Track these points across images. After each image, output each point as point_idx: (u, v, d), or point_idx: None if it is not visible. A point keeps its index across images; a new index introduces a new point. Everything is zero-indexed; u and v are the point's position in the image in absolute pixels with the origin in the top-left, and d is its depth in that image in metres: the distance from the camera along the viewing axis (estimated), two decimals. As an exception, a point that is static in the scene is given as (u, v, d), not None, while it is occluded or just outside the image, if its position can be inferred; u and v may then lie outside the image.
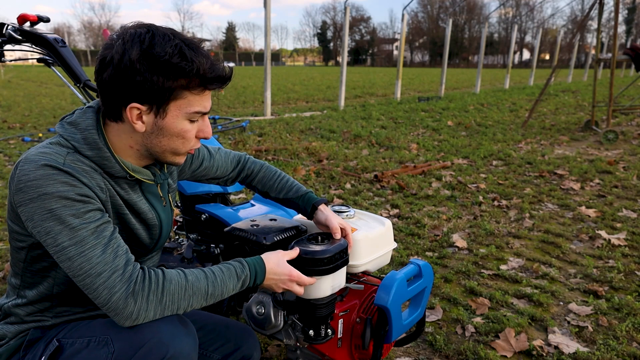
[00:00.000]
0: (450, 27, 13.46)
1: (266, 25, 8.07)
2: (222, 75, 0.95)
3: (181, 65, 0.88)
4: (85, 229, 0.86)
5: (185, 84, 0.91)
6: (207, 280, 0.94)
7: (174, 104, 0.92)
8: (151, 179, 1.04)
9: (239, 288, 0.99)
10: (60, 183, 0.85)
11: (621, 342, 1.80)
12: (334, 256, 1.10)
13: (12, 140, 5.99)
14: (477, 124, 7.63)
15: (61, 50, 1.87)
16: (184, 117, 0.95)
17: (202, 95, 0.95)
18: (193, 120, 0.97)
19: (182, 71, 0.89)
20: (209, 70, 0.92)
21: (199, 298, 0.93)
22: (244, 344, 1.19)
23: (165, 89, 0.89)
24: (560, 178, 4.27)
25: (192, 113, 0.95)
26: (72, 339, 0.94)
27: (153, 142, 0.96)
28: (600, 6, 6.47)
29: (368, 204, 3.48)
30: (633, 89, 13.35)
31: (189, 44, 0.91)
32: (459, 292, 2.20)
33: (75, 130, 0.94)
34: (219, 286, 0.95)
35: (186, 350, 0.88)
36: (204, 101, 0.96)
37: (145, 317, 0.87)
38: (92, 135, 0.93)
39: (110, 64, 0.88)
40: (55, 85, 16.58)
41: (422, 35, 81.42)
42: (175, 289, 0.90)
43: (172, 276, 0.91)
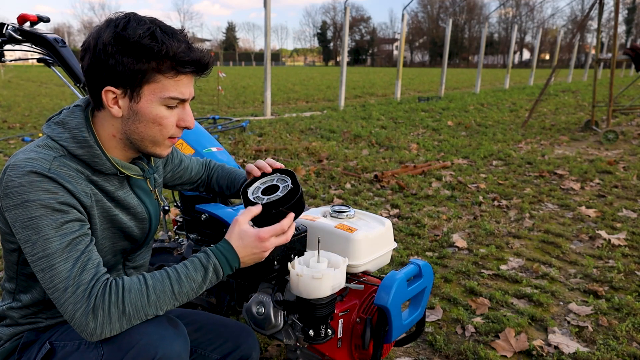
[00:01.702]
0: (450, 27, 13.46)
1: (266, 25, 8.07)
2: (197, 60, 0.92)
3: (151, 46, 0.87)
4: (59, 241, 0.84)
5: (156, 67, 0.89)
6: (170, 280, 0.90)
7: (147, 87, 0.91)
8: (140, 174, 1.05)
9: (215, 278, 0.94)
10: (42, 191, 0.85)
11: (621, 342, 1.80)
12: (296, 183, 1.09)
13: (12, 140, 5.99)
14: (477, 124, 7.63)
15: (61, 50, 1.87)
16: (159, 102, 0.93)
17: (176, 80, 0.92)
18: (170, 106, 0.94)
19: (151, 52, 0.87)
20: (181, 53, 0.89)
21: (166, 300, 0.89)
22: (243, 344, 1.19)
23: (136, 71, 0.89)
24: (560, 178, 4.27)
25: (167, 98, 0.92)
26: (64, 342, 0.95)
27: (131, 129, 0.95)
28: (600, 6, 6.47)
29: (368, 204, 3.48)
30: (633, 89, 13.35)
31: (164, 28, 0.90)
32: (459, 292, 2.20)
33: (63, 130, 0.94)
34: (185, 282, 0.90)
35: (176, 351, 0.88)
36: (180, 87, 0.93)
37: (110, 330, 0.85)
38: (82, 134, 0.93)
39: (87, 49, 0.90)
40: (55, 85, 16.58)
41: (422, 35, 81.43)
42: (136, 297, 0.86)
43: (131, 285, 0.87)
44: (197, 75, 0.96)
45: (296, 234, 1.28)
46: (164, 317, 0.93)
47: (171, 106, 0.95)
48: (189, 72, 0.92)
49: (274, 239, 0.99)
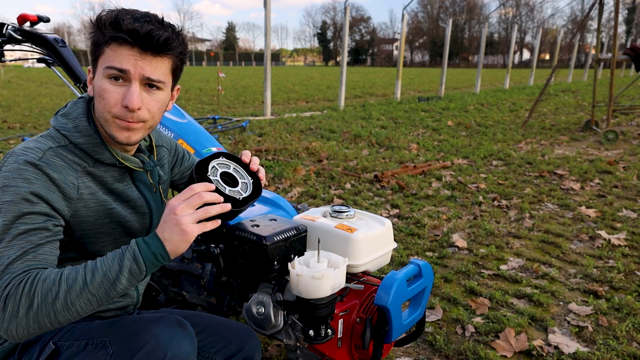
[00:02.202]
0: (450, 27, 13.46)
1: (266, 25, 8.07)
2: (132, 29, 0.88)
3: (98, 16, 0.91)
4: (15, 229, 0.83)
5: (101, 37, 0.91)
6: (85, 268, 0.81)
7: (99, 61, 0.93)
8: (140, 166, 1.06)
9: (136, 268, 0.83)
10: (23, 179, 0.86)
11: (621, 342, 1.80)
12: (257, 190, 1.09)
13: (12, 140, 5.99)
14: (477, 124, 7.63)
15: (61, 50, 1.87)
16: (102, 74, 0.91)
17: (115, 50, 0.90)
18: (112, 78, 0.91)
19: (98, 22, 0.91)
20: (118, 21, 0.88)
21: (77, 290, 0.79)
22: (246, 345, 1.19)
23: (92, 44, 0.93)
24: (560, 178, 4.27)
25: (106, 68, 0.90)
26: (69, 342, 0.94)
27: (95, 109, 0.97)
28: (600, 6, 6.47)
29: (368, 204, 3.48)
30: (633, 89, 13.35)
31: (130, 9, 0.93)
32: (459, 292, 2.20)
33: (67, 120, 0.97)
34: (99, 271, 0.81)
35: (184, 352, 0.88)
36: (119, 57, 0.90)
37: (16, 327, 0.78)
38: (82, 123, 0.96)
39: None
40: (55, 85, 16.58)
41: (422, 35, 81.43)
42: (48, 287, 0.79)
43: (48, 274, 0.80)
44: (143, 51, 0.90)
45: (296, 234, 1.28)
46: (172, 318, 0.93)
47: (113, 78, 0.91)
48: (122, 40, 0.89)
49: (184, 205, 0.84)
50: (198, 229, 0.84)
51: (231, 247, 1.30)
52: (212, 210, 0.86)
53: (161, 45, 0.90)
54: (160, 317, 0.94)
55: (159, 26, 0.91)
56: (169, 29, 0.92)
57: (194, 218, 0.84)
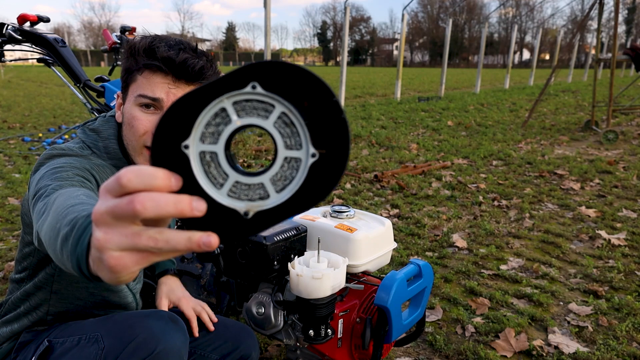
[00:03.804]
0: (450, 27, 13.46)
1: (266, 25, 8.07)
2: (167, 57, 0.87)
3: (132, 43, 0.91)
4: (57, 173, 0.81)
5: (134, 64, 0.90)
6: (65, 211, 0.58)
7: (130, 88, 0.92)
8: None
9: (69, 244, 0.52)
10: (72, 159, 0.88)
11: (621, 342, 1.80)
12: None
13: (12, 140, 5.99)
14: (477, 124, 7.63)
15: (61, 50, 1.87)
16: (134, 101, 0.91)
17: (148, 78, 0.89)
18: (143, 105, 0.91)
19: (132, 49, 0.90)
20: (152, 48, 0.88)
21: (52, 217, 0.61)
22: (242, 344, 1.19)
23: (125, 70, 0.93)
24: (560, 178, 4.27)
25: (138, 96, 0.90)
26: (63, 338, 0.95)
27: (124, 135, 0.96)
28: (600, 6, 6.47)
29: (368, 204, 3.48)
30: (633, 89, 13.35)
31: (163, 36, 0.92)
32: (459, 292, 2.20)
33: (98, 138, 0.98)
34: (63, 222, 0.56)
35: (176, 345, 0.88)
36: (151, 85, 0.89)
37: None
38: (113, 145, 0.97)
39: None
40: (55, 85, 16.58)
41: (422, 35, 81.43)
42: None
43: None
44: (177, 79, 0.89)
45: (296, 234, 1.28)
46: (164, 313, 0.93)
47: (144, 106, 0.91)
48: (156, 68, 0.88)
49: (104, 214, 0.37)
50: (131, 261, 0.38)
51: (231, 247, 1.30)
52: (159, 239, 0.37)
53: (196, 74, 0.90)
54: (152, 312, 0.94)
55: (193, 54, 0.90)
56: (203, 57, 0.92)
57: (120, 244, 0.37)
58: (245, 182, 0.41)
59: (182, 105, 0.40)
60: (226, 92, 0.39)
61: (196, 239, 0.36)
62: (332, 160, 0.40)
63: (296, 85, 0.40)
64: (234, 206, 0.40)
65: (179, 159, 0.40)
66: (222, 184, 0.41)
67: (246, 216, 0.40)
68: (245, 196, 0.41)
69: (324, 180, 0.40)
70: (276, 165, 0.41)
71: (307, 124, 0.40)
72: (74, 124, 7.27)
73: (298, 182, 0.40)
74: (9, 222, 3.02)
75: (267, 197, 0.41)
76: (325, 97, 0.40)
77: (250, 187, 0.41)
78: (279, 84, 0.40)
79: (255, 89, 0.39)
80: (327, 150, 0.40)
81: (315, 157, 0.40)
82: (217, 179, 0.41)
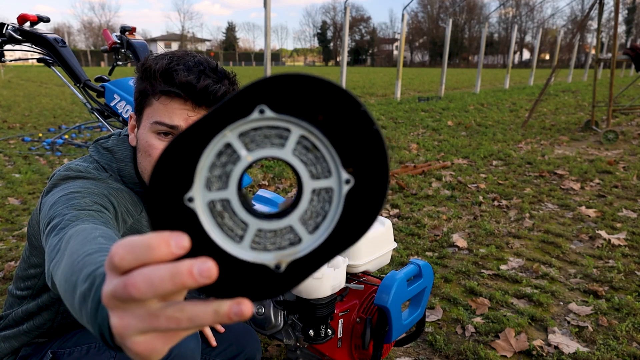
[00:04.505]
0: (450, 27, 13.46)
1: (266, 25, 8.07)
2: (185, 82, 0.80)
3: (147, 65, 0.84)
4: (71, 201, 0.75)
5: (150, 88, 0.83)
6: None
7: (145, 112, 0.86)
8: None
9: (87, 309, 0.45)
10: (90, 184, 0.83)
11: (621, 342, 1.80)
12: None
13: (12, 140, 5.99)
14: (477, 124, 7.63)
15: (61, 50, 1.87)
16: (150, 128, 0.85)
17: (166, 104, 0.83)
18: (160, 133, 0.85)
19: (147, 72, 0.84)
20: (170, 72, 0.81)
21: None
22: (247, 346, 1.19)
23: (139, 92, 0.86)
24: (560, 178, 4.27)
25: (154, 123, 0.84)
26: (69, 349, 0.93)
27: (138, 160, 0.90)
28: (600, 6, 6.47)
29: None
30: (633, 89, 13.35)
31: (180, 55, 0.85)
32: (459, 292, 2.20)
33: (113, 159, 0.92)
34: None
35: (190, 349, 0.88)
36: (169, 112, 0.82)
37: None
38: (128, 169, 0.92)
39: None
40: (55, 85, 16.59)
41: (422, 35, 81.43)
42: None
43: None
44: (197, 105, 0.83)
45: None
46: None
47: (161, 134, 0.85)
48: (175, 94, 0.82)
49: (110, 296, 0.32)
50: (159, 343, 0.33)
51: None
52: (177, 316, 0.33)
53: (218, 100, 0.82)
54: None
55: (214, 78, 0.83)
56: (225, 80, 0.85)
57: (140, 328, 0.32)
58: (270, 228, 0.34)
59: (176, 149, 0.32)
60: (228, 123, 0.32)
61: (225, 311, 0.30)
62: (371, 182, 0.33)
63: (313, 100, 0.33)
64: (261, 260, 0.33)
65: (185, 215, 0.32)
66: (242, 235, 0.33)
67: (278, 269, 0.33)
68: (272, 245, 0.34)
69: (364, 208, 0.33)
70: (304, 201, 0.34)
71: (333, 144, 0.33)
72: (74, 124, 7.26)
73: (334, 217, 0.33)
74: (9, 222, 3.02)
75: (299, 241, 0.34)
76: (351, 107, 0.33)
77: (276, 233, 0.34)
78: (291, 101, 0.33)
79: (264, 114, 0.32)
80: (362, 172, 0.33)
81: (349, 184, 0.33)
82: (235, 231, 0.33)
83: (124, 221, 0.87)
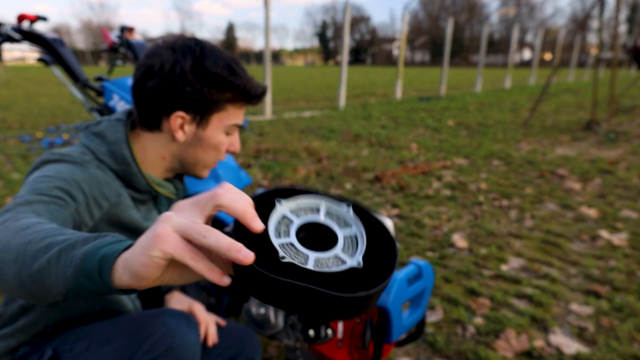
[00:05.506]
0: (450, 26, 13.45)
1: (266, 25, 8.07)
2: (261, 94, 0.99)
3: (230, 79, 0.92)
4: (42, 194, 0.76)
5: (230, 98, 0.95)
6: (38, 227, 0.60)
7: (216, 115, 0.95)
8: (173, 192, 1.06)
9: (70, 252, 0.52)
10: (67, 169, 0.85)
11: (622, 342, 1.79)
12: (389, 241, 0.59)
13: (11, 140, 5.99)
14: (477, 124, 7.63)
15: (60, 49, 1.87)
16: (223, 129, 0.98)
17: (241, 109, 0.99)
18: (229, 133, 1.00)
19: (231, 85, 0.93)
20: (252, 88, 0.96)
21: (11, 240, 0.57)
22: (247, 348, 1.18)
23: (213, 100, 0.93)
24: (561, 178, 4.26)
25: (231, 126, 0.98)
26: (69, 345, 0.92)
27: (189, 154, 0.98)
28: (600, 6, 6.47)
29: (368, 204, 3.47)
30: (634, 89, 13.33)
31: (236, 61, 0.96)
32: (460, 293, 2.19)
33: (102, 142, 0.94)
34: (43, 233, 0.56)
35: (191, 341, 0.88)
36: (241, 115, 1.00)
37: None
38: (122, 150, 0.93)
39: (158, 73, 0.90)
40: (55, 85, 16.58)
41: (423, 34, 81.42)
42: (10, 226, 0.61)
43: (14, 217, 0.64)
44: (248, 105, 1.01)
45: None
46: (176, 311, 0.93)
47: (229, 133, 1.00)
48: (254, 103, 0.99)
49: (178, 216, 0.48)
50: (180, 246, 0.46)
51: None
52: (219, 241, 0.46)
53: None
54: (164, 310, 0.94)
55: (259, 82, 0.99)
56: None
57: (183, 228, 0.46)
58: (324, 257, 0.51)
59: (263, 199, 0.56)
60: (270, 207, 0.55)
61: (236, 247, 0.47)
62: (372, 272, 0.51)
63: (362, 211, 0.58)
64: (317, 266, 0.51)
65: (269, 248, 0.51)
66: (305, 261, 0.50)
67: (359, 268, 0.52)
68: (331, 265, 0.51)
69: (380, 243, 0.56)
70: (339, 240, 0.53)
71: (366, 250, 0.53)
72: (73, 124, 7.26)
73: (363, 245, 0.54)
74: (9, 222, 3.02)
75: (343, 262, 0.51)
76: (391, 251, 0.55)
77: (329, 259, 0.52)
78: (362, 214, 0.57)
79: (281, 203, 0.55)
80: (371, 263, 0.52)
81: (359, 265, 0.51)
82: (300, 259, 0.50)
83: (99, 206, 0.89)
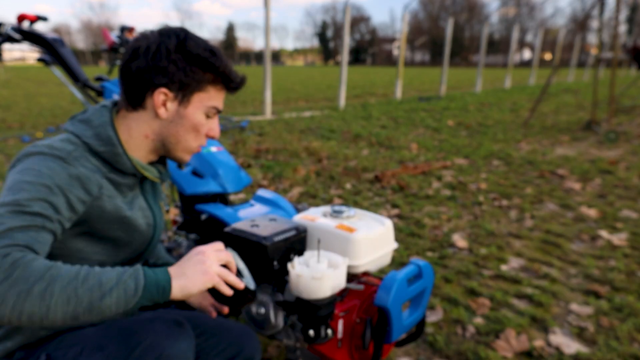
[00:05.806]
0: (450, 26, 13.45)
1: (266, 25, 8.06)
2: (241, 82, 1.04)
3: (211, 61, 0.97)
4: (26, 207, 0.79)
5: (211, 79, 0.99)
6: (81, 268, 0.76)
7: (197, 95, 0.99)
8: (157, 176, 1.07)
9: (132, 285, 0.77)
10: (47, 168, 0.85)
11: (622, 342, 1.79)
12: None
13: (11, 140, 5.99)
14: (477, 124, 7.63)
15: (60, 50, 1.87)
16: (203, 109, 1.01)
17: (221, 93, 1.02)
18: (209, 116, 1.03)
19: (212, 67, 0.97)
20: (231, 73, 1.01)
21: (64, 282, 0.72)
22: (246, 347, 1.18)
23: (195, 79, 0.97)
24: (561, 178, 4.26)
25: (210, 107, 1.01)
26: (63, 350, 0.92)
27: (171, 132, 1.00)
28: (600, 6, 6.46)
29: (368, 204, 3.47)
30: (634, 89, 13.33)
31: (218, 48, 1.02)
32: (460, 293, 2.19)
33: (87, 127, 0.96)
34: (96, 275, 0.76)
35: (182, 350, 0.88)
36: (221, 99, 1.03)
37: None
38: (107, 132, 0.96)
39: (144, 53, 0.94)
40: (55, 85, 16.58)
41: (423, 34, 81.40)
42: (38, 267, 0.72)
43: (39, 258, 0.75)
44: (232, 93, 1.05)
45: (296, 234, 1.28)
46: (169, 317, 0.92)
47: (209, 116, 1.03)
48: (232, 89, 1.03)
49: (213, 252, 0.88)
50: (217, 279, 0.85)
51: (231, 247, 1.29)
52: (230, 277, 0.87)
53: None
54: (156, 316, 0.93)
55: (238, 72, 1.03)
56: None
57: (218, 268, 0.86)
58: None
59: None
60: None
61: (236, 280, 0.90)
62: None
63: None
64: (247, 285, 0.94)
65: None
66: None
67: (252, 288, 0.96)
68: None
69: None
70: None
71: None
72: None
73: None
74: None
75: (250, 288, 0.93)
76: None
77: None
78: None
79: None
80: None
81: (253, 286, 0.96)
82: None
83: (82, 201, 0.89)
